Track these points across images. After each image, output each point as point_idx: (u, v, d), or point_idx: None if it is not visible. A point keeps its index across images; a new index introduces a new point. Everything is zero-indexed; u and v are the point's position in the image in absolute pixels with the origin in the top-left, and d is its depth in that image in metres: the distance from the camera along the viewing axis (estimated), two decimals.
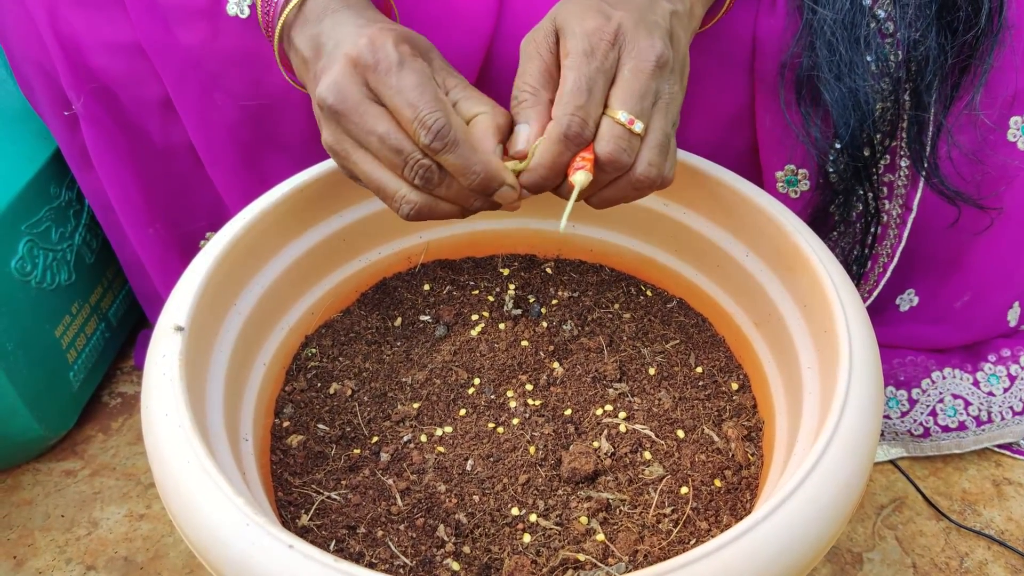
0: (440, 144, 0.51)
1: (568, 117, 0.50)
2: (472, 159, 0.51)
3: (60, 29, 0.71)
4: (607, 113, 0.51)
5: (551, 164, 0.52)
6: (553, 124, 0.51)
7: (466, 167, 0.52)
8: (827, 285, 0.54)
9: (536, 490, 0.58)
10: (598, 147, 0.51)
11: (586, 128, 0.51)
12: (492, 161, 0.52)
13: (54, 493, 0.84)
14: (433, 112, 0.50)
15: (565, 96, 0.51)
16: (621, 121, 0.51)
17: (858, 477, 0.45)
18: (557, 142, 0.51)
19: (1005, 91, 0.69)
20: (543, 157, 0.52)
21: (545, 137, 0.52)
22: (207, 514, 0.43)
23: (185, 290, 0.55)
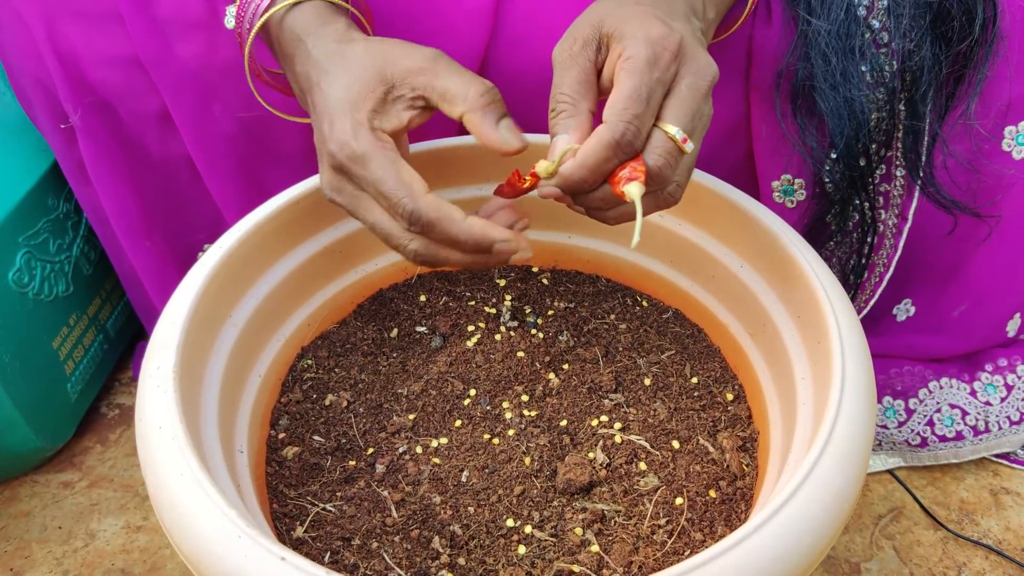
0: (418, 227, 0.51)
1: (624, 124, 0.48)
2: (453, 230, 0.51)
3: (58, 43, 0.71)
4: (659, 125, 0.50)
5: (595, 167, 0.49)
6: (605, 128, 0.49)
7: (451, 240, 0.52)
8: (821, 296, 0.54)
9: (531, 501, 0.58)
10: (648, 157, 0.50)
11: (639, 138, 0.49)
12: (476, 227, 0.52)
13: (51, 505, 0.84)
14: (401, 199, 0.51)
15: (622, 101, 0.49)
16: (675, 137, 0.50)
17: (851, 487, 0.45)
18: (607, 147, 0.49)
19: (1000, 101, 0.69)
20: (587, 159, 0.49)
21: (595, 139, 0.49)
22: (200, 526, 0.43)
23: (180, 302, 0.55)
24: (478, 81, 0.54)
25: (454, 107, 0.54)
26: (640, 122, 0.49)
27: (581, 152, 0.50)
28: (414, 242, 0.53)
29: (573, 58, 0.52)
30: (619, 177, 0.50)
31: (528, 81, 0.72)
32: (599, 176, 0.50)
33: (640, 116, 0.49)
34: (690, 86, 0.50)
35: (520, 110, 0.73)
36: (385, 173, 0.52)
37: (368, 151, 0.52)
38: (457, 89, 0.53)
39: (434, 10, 0.71)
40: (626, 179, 0.49)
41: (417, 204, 0.51)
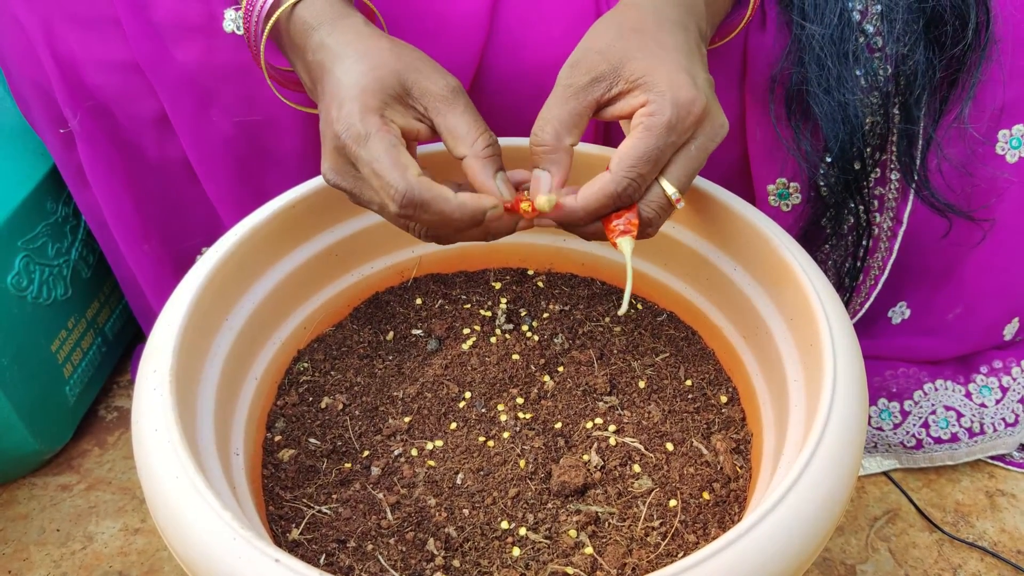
0: (411, 209, 0.52)
1: (628, 180, 0.51)
2: (446, 208, 0.52)
3: (56, 48, 0.71)
4: (659, 180, 0.53)
5: (593, 212, 0.53)
6: (610, 180, 0.51)
7: (444, 217, 0.52)
8: (813, 299, 0.54)
9: (526, 504, 0.58)
10: (641, 208, 0.53)
11: (638, 193, 0.52)
12: (468, 201, 0.52)
13: (49, 507, 0.84)
14: (393, 179, 0.51)
15: (632, 159, 0.51)
16: (669, 195, 0.53)
17: (842, 489, 0.45)
18: (608, 196, 0.52)
19: (993, 104, 0.69)
20: (588, 203, 0.52)
21: (598, 186, 0.52)
22: (195, 528, 0.44)
23: (177, 305, 0.55)
24: (486, 132, 0.55)
25: (458, 147, 0.55)
26: (643, 180, 0.52)
27: (582, 195, 0.53)
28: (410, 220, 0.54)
29: (575, 92, 0.53)
30: (613, 225, 0.53)
31: (522, 85, 0.72)
32: (595, 218, 0.54)
33: (644, 176, 0.52)
34: (699, 147, 0.53)
35: (513, 114, 0.73)
36: (382, 154, 0.52)
37: (371, 132, 0.52)
38: (466, 132, 0.54)
39: (430, 13, 0.71)
40: (620, 231, 0.53)
41: (408, 185, 0.51)
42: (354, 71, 0.55)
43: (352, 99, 0.54)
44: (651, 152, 0.51)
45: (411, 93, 0.55)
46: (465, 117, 0.55)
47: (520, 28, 0.72)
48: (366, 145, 0.52)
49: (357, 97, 0.54)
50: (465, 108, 0.55)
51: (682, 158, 0.53)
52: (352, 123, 0.53)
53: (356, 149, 0.53)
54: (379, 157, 0.52)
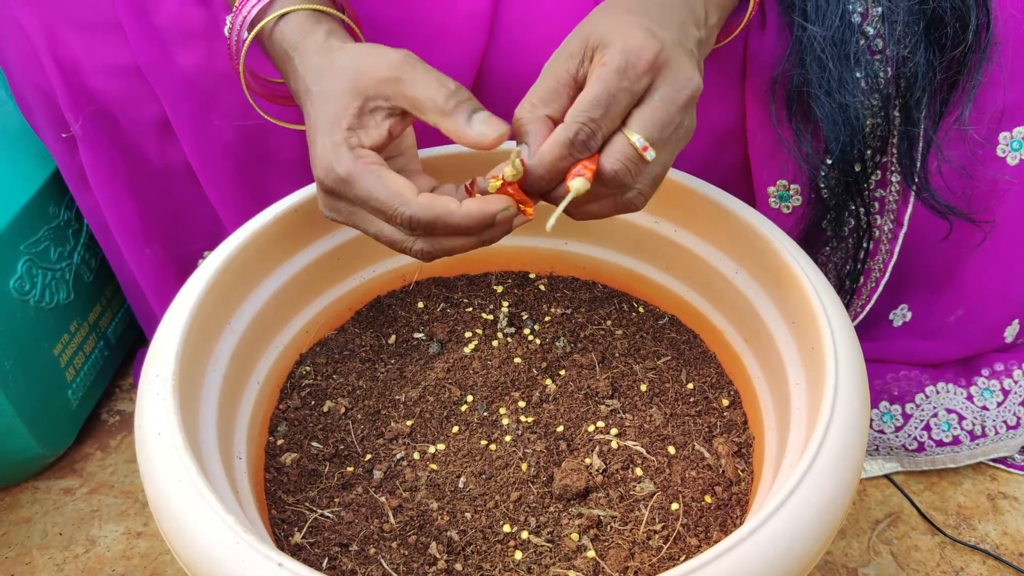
0: (420, 230, 0.52)
1: (577, 125, 0.50)
2: (454, 221, 0.52)
3: (59, 52, 0.72)
4: (623, 131, 0.51)
5: (550, 165, 0.51)
6: (561, 128, 0.50)
7: (454, 229, 0.52)
8: (815, 302, 0.54)
9: (528, 507, 0.58)
10: (604, 161, 0.51)
11: (592, 139, 0.50)
12: (472, 209, 0.52)
13: (52, 511, 0.85)
14: (396, 208, 0.51)
15: (581, 105, 0.50)
16: (635, 144, 0.50)
17: (843, 493, 0.45)
18: (561, 145, 0.50)
19: (994, 106, 0.69)
20: (543, 156, 0.51)
21: (551, 138, 0.51)
22: (198, 532, 0.44)
23: (179, 309, 0.55)
24: (444, 85, 0.53)
25: (426, 116, 0.53)
26: (595, 125, 0.50)
27: (537, 152, 0.51)
28: (418, 243, 0.53)
29: (552, 68, 0.53)
30: (571, 172, 0.51)
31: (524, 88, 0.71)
32: (555, 173, 0.51)
33: (596, 120, 0.50)
34: (664, 97, 0.51)
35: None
36: (372, 188, 0.52)
37: (350, 171, 0.52)
38: (425, 96, 0.53)
39: (430, 16, 0.71)
40: (574, 174, 0.51)
41: (412, 210, 0.51)
42: (319, 104, 0.55)
43: (322, 137, 0.54)
44: (600, 96, 0.49)
45: (368, 96, 0.54)
46: (417, 84, 0.53)
47: (521, 30, 0.72)
48: (353, 187, 0.52)
49: (327, 134, 0.53)
50: (414, 75, 0.53)
51: (645, 108, 0.51)
52: (329, 166, 0.53)
53: (345, 191, 0.53)
54: (371, 192, 0.52)
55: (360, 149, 0.53)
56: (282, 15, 0.59)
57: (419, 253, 0.54)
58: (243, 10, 0.60)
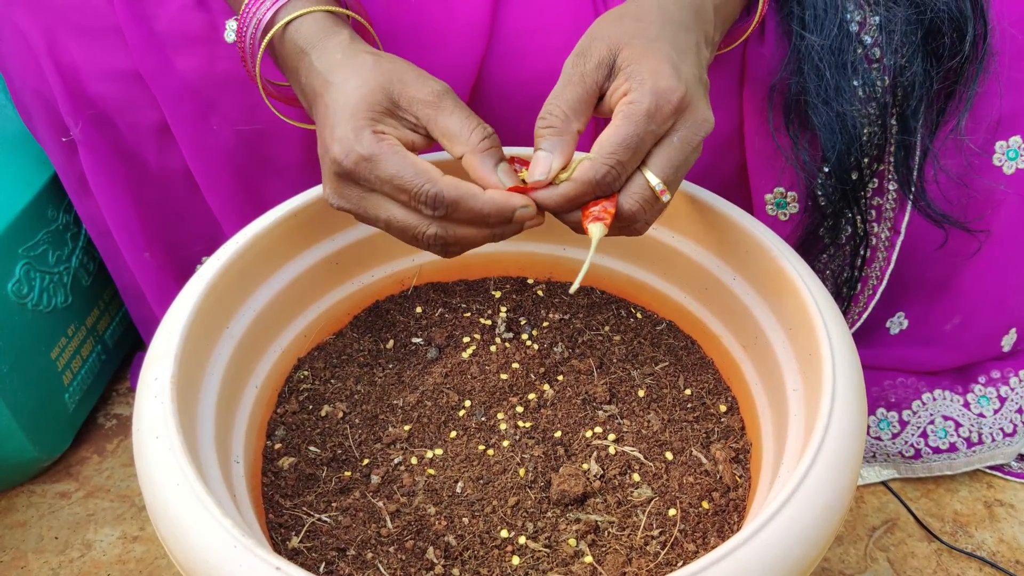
0: (443, 210, 0.52)
1: (607, 168, 0.51)
2: (477, 205, 0.52)
3: (59, 57, 0.72)
4: (642, 170, 0.52)
5: (572, 199, 0.52)
6: (589, 165, 0.51)
7: (476, 215, 0.52)
8: (812, 309, 0.54)
9: (525, 512, 0.58)
10: (623, 200, 0.52)
11: (618, 181, 0.52)
12: (497, 197, 0.52)
13: (48, 515, 0.84)
14: (422, 186, 0.51)
15: (611, 146, 0.51)
16: (653, 187, 0.52)
17: (840, 499, 0.45)
18: (586, 184, 0.51)
19: (990, 116, 0.70)
20: (567, 191, 0.52)
21: (576, 174, 0.52)
22: (196, 536, 0.44)
23: (178, 313, 0.55)
24: (480, 126, 0.54)
25: (455, 147, 0.54)
26: (622, 168, 0.51)
27: (565, 186, 0.52)
28: (432, 227, 0.53)
29: (582, 76, 0.53)
30: (590, 212, 0.53)
31: (522, 95, 0.72)
32: (573, 207, 0.53)
33: (624, 164, 0.51)
34: (682, 139, 0.52)
35: (513, 123, 0.73)
36: (399, 167, 0.52)
37: (375, 151, 0.52)
38: (459, 130, 0.54)
39: (430, 23, 0.72)
40: (593, 217, 0.52)
41: (439, 187, 0.51)
42: (342, 94, 0.55)
43: (344, 122, 0.54)
44: (631, 139, 0.51)
45: (399, 105, 0.55)
46: (455, 116, 0.54)
47: (519, 37, 0.72)
48: (378, 165, 0.52)
49: (348, 119, 0.54)
50: (454, 107, 0.55)
51: (664, 149, 0.52)
52: (350, 147, 0.53)
53: (367, 171, 0.53)
54: (397, 171, 0.52)
55: (382, 134, 0.54)
56: (302, 15, 0.59)
57: (431, 238, 0.54)
58: (258, 12, 0.60)
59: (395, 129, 0.55)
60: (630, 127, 0.51)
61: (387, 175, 0.52)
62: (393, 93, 0.55)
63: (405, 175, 0.52)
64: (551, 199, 0.53)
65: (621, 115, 0.51)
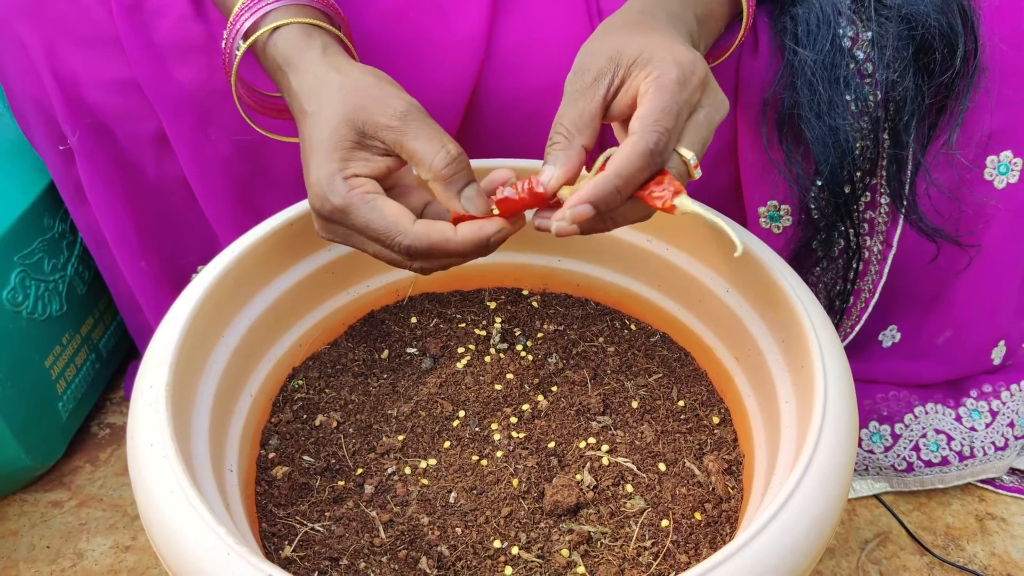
0: (420, 259, 0.53)
1: (656, 134, 0.49)
2: (450, 248, 0.53)
3: (57, 67, 0.72)
4: (677, 148, 0.51)
5: (628, 177, 0.49)
6: (639, 137, 0.49)
7: (451, 255, 0.53)
8: (804, 322, 0.55)
9: (518, 523, 0.58)
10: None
11: (667, 149, 0.50)
12: (468, 235, 0.52)
13: (40, 524, 0.84)
14: (394, 238, 0.52)
15: (654, 114, 0.49)
16: (688, 161, 0.51)
17: (832, 510, 0.46)
18: (642, 156, 0.48)
19: (981, 131, 0.70)
20: (622, 168, 0.49)
21: (628, 148, 0.49)
22: (189, 543, 0.44)
23: (174, 322, 0.56)
24: (444, 148, 0.53)
25: (421, 172, 0.54)
26: (670, 136, 0.49)
27: (614, 162, 0.49)
28: (416, 263, 0.55)
29: (583, 92, 0.53)
30: (658, 194, 0.50)
31: (519, 109, 0.73)
32: (632, 187, 0.50)
33: (670, 131, 0.49)
34: (707, 116, 0.52)
35: (511, 138, 0.74)
36: (369, 218, 0.53)
37: (346, 202, 0.53)
38: (424, 154, 0.53)
39: (426, 38, 0.72)
40: (672, 193, 0.49)
41: (409, 238, 0.52)
42: (315, 129, 0.55)
43: (318, 162, 0.54)
44: (671, 107, 0.49)
45: (365, 133, 0.54)
46: (420, 139, 0.53)
47: (516, 51, 0.73)
48: (349, 216, 0.53)
49: (322, 162, 0.54)
50: (419, 129, 0.54)
51: (692, 126, 0.52)
52: (324, 196, 0.54)
53: (341, 220, 0.54)
54: (368, 223, 0.53)
55: (355, 179, 0.54)
56: (276, 28, 0.60)
57: (419, 270, 0.55)
58: (237, 23, 0.61)
59: (367, 162, 0.55)
60: (667, 95, 0.50)
61: (359, 225, 0.53)
62: (357, 122, 0.54)
63: (376, 227, 0.53)
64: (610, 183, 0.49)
65: (653, 87, 0.50)
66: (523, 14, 0.73)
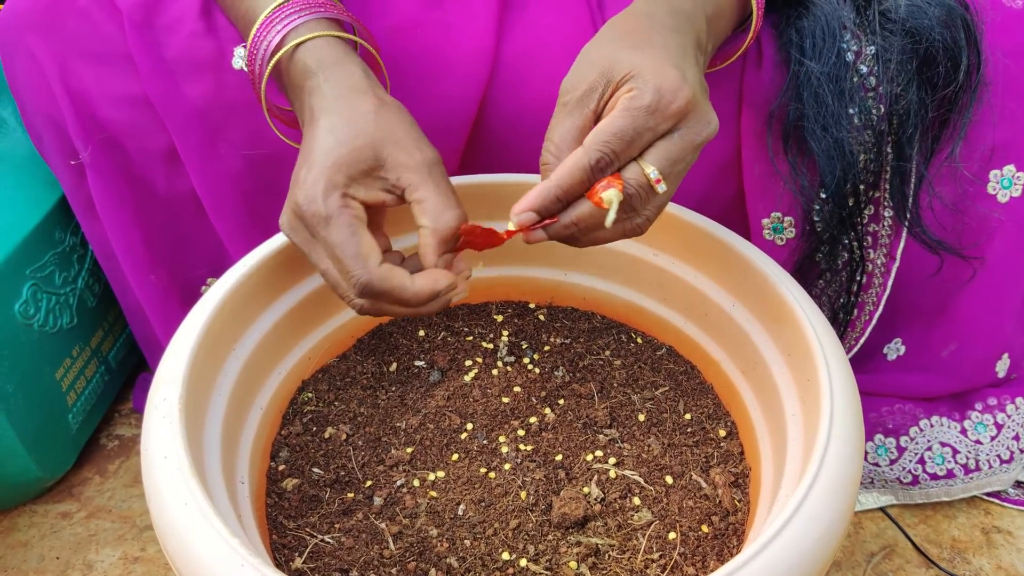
0: (370, 298, 0.54)
1: (599, 153, 0.50)
2: (406, 296, 0.54)
3: (70, 82, 0.73)
4: (639, 161, 0.52)
5: (567, 187, 0.51)
6: (582, 152, 0.51)
7: (402, 302, 0.54)
8: (810, 335, 0.55)
9: (526, 535, 0.58)
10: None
11: (610, 168, 0.51)
12: (425, 287, 0.54)
13: (50, 535, 0.85)
14: (354, 269, 0.53)
15: (605, 135, 0.50)
16: (649, 176, 0.52)
17: (838, 523, 0.46)
18: (580, 170, 0.51)
19: (984, 145, 0.71)
20: (560, 176, 0.51)
21: (570, 161, 0.51)
22: (203, 555, 0.44)
23: (186, 336, 0.56)
24: (457, 209, 0.55)
25: (422, 218, 0.55)
26: (615, 156, 0.51)
27: (557, 171, 0.52)
28: (358, 300, 0.55)
29: (573, 106, 0.54)
30: (597, 188, 0.52)
31: (525, 122, 0.74)
32: (572, 195, 0.52)
33: (617, 153, 0.51)
34: (683, 136, 0.52)
35: (518, 151, 0.75)
36: (344, 240, 0.53)
37: (332, 215, 0.54)
38: (436, 206, 0.55)
39: (434, 53, 0.73)
40: (604, 187, 0.51)
41: (370, 277, 0.53)
42: (333, 135, 0.56)
43: (320, 170, 0.54)
44: (626, 131, 0.50)
45: (384, 165, 0.55)
46: (438, 192, 0.55)
47: (523, 65, 0.73)
48: (327, 228, 0.54)
49: (325, 170, 0.54)
50: (438, 185, 0.55)
51: (663, 143, 0.52)
52: (314, 198, 0.54)
53: (318, 228, 0.54)
54: (340, 244, 0.53)
55: (351, 200, 0.55)
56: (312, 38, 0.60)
57: (357, 306, 0.56)
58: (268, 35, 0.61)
59: (368, 190, 0.56)
60: (627, 120, 0.50)
61: (331, 241, 0.54)
62: (382, 154, 0.55)
63: (346, 251, 0.53)
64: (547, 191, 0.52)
65: (621, 107, 0.51)
66: (529, 27, 0.74)
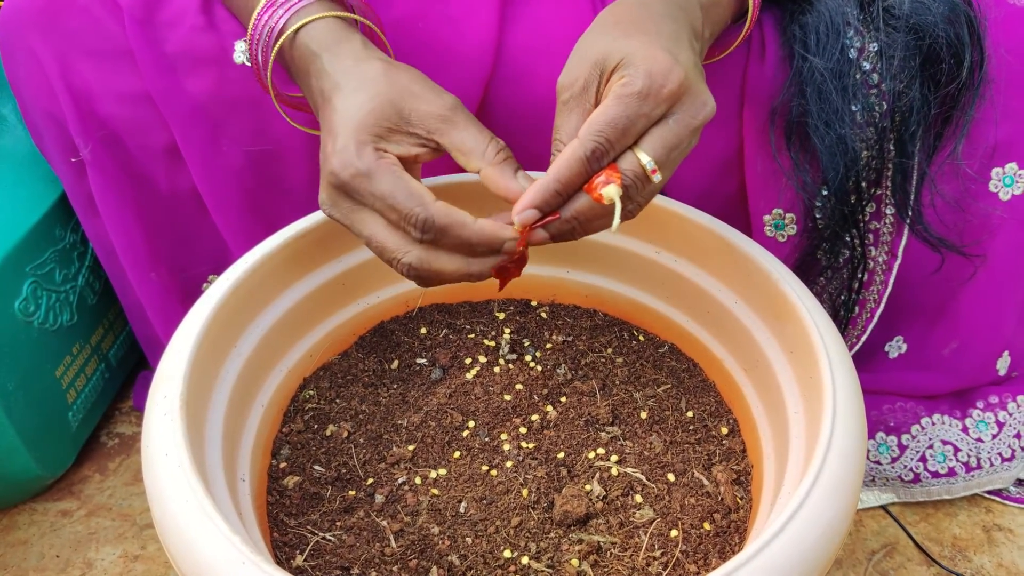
0: (431, 234, 0.52)
1: (593, 143, 0.50)
2: (466, 234, 0.52)
3: (71, 79, 0.73)
4: (634, 150, 0.52)
5: (564, 181, 0.51)
6: (577, 143, 0.51)
7: (463, 243, 0.53)
8: (813, 332, 0.55)
9: (528, 532, 0.58)
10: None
11: (606, 157, 0.51)
12: (487, 228, 0.53)
13: (49, 533, 0.84)
14: (413, 208, 0.52)
15: (599, 124, 0.50)
16: (645, 166, 0.52)
17: (840, 521, 0.46)
18: (577, 161, 0.51)
19: (986, 142, 0.71)
20: (557, 171, 0.51)
21: (566, 154, 0.51)
22: (204, 552, 0.44)
23: (187, 333, 0.56)
24: (493, 140, 0.55)
25: (470, 161, 0.55)
26: (610, 146, 0.51)
27: (554, 166, 0.52)
28: (410, 255, 0.53)
29: (575, 102, 0.54)
30: (596, 183, 0.52)
31: (529, 114, 0.73)
32: (571, 189, 0.52)
33: (612, 143, 0.51)
34: (678, 121, 0.52)
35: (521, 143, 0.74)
36: (393, 187, 0.52)
37: (372, 167, 0.53)
38: (474, 144, 0.54)
39: (436, 47, 0.73)
40: (603, 183, 0.51)
41: (429, 211, 0.52)
42: (350, 103, 0.55)
43: (347, 134, 0.54)
44: (620, 119, 0.50)
45: (409, 120, 0.55)
46: (469, 131, 0.55)
47: (525, 59, 0.73)
48: (371, 182, 0.53)
49: (352, 133, 0.54)
50: (467, 122, 0.55)
51: (659, 130, 0.52)
52: (349, 160, 0.53)
53: (362, 185, 0.53)
54: (390, 190, 0.52)
55: (383, 151, 0.54)
56: (313, 20, 0.60)
57: (405, 268, 0.54)
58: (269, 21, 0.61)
59: (398, 146, 0.55)
60: (620, 107, 0.50)
61: (380, 192, 0.53)
62: (403, 106, 0.55)
63: (398, 195, 0.52)
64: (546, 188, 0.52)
65: (612, 95, 0.51)
66: (532, 21, 0.74)
